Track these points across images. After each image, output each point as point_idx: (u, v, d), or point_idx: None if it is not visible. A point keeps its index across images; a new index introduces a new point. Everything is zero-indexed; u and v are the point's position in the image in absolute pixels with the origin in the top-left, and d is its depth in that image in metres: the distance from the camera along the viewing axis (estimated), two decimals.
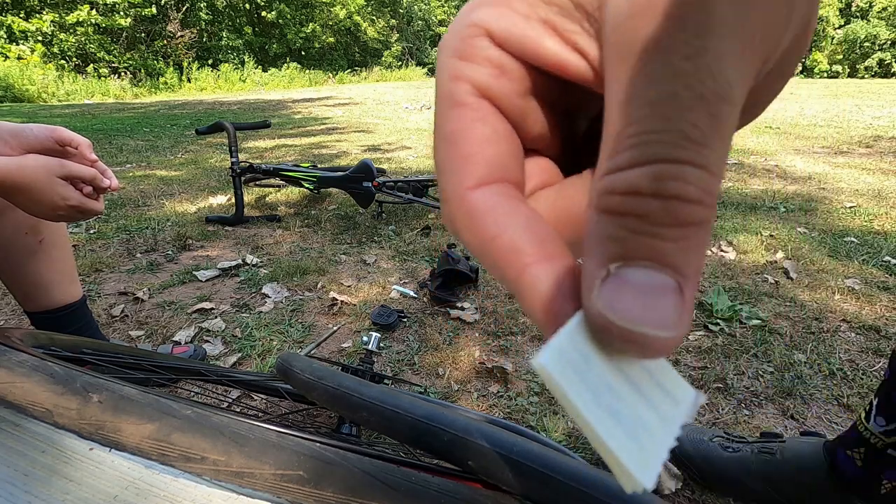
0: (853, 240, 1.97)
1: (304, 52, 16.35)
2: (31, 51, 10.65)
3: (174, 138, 4.57)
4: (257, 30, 15.83)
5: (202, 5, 14.06)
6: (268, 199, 2.61)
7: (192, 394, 1.07)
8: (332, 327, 1.40)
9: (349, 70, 17.03)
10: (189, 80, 12.79)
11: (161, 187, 2.82)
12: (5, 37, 10.58)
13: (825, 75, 19.87)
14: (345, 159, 3.60)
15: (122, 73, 11.89)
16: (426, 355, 1.28)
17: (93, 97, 10.21)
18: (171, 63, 13.19)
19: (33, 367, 0.35)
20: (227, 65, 13.79)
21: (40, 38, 11.00)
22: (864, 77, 18.98)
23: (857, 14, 20.69)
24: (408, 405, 0.44)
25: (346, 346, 1.32)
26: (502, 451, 0.37)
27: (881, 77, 18.67)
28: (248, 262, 1.82)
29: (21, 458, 0.32)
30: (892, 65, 19.35)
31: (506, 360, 1.25)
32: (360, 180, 2.07)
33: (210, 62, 13.94)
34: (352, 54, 18.02)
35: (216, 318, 1.44)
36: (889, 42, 19.41)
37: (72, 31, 11.39)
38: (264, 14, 15.55)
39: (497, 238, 0.12)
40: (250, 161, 2.67)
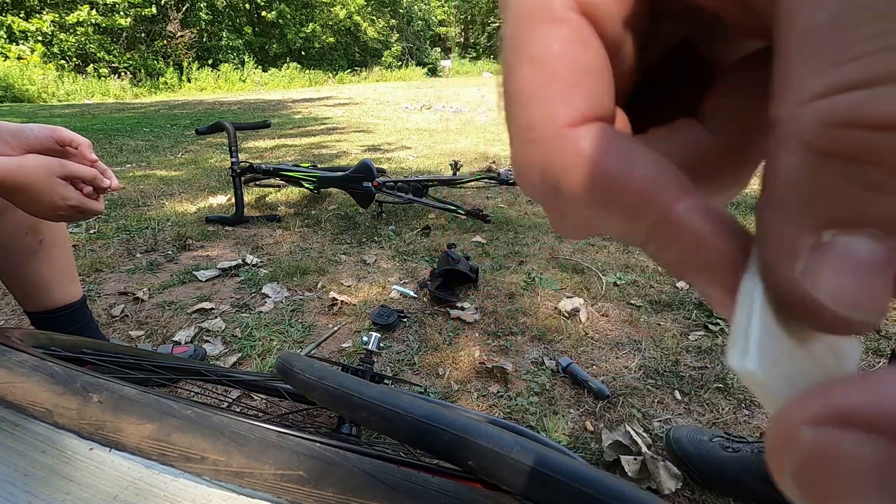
0: None
1: (304, 52, 16.34)
2: (31, 51, 10.64)
3: (174, 138, 4.57)
4: (257, 30, 15.82)
5: (202, 5, 14.05)
6: (268, 199, 2.61)
7: (192, 394, 1.07)
8: (332, 327, 1.40)
9: (349, 70, 17.02)
10: (189, 80, 12.79)
11: (161, 187, 2.82)
12: (5, 37, 10.57)
13: None
14: (345, 159, 3.60)
15: (122, 73, 11.89)
16: (426, 355, 1.28)
17: (93, 97, 10.21)
18: (171, 63, 13.19)
19: (33, 367, 0.35)
20: (227, 65, 13.79)
21: (40, 38, 10.99)
22: None
23: None
24: (408, 405, 0.44)
25: (346, 346, 1.32)
26: (502, 451, 0.37)
27: None
28: (248, 262, 1.82)
29: (21, 458, 0.32)
30: None
31: (506, 360, 1.25)
32: (360, 180, 2.07)
33: (210, 62, 13.93)
34: (352, 54, 18.02)
35: (216, 318, 1.44)
36: None
37: (72, 31, 11.38)
38: (264, 14, 15.54)
39: (626, 176, 0.10)
40: (250, 161, 2.67)
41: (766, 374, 0.09)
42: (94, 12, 11.49)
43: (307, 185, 2.29)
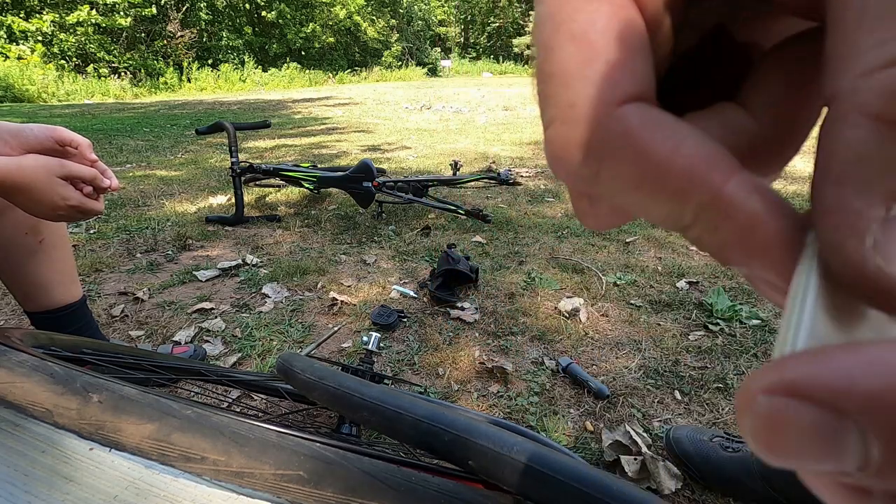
0: None
1: (304, 52, 16.34)
2: (31, 51, 10.65)
3: (174, 138, 4.57)
4: (257, 30, 15.83)
5: (202, 5, 14.06)
6: (268, 199, 2.61)
7: (192, 394, 1.07)
8: (332, 327, 1.40)
9: (349, 70, 17.02)
10: (189, 80, 12.79)
11: (161, 187, 2.82)
12: (5, 37, 10.58)
13: None
14: (345, 159, 3.60)
15: (122, 73, 11.89)
16: (426, 355, 1.28)
17: (93, 97, 10.22)
18: (171, 63, 13.19)
19: (33, 367, 0.35)
20: (227, 65, 13.79)
21: (40, 38, 11.00)
22: None
23: None
24: (409, 405, 0.44)
25: (346, 346, 1.32)
26: (503, 451, 0.37)
27: None
28: (248, 262, 1.82)
29: (21, 458, 0.32)
30: None
31: (506, 360, 1.25)
32: (360, 180, 2.07)
33: (210, 62, 13.94)
34: (352, 54, 18.02)
35: (216, 318, 1.44)
36: None
37: (72, 31, 11.39)
38: (264, 14, 15.55)
39: (675, 154, 0.09)
40: (250, 161, 2.67)
41: None
42: (94, 12, 11.50)
43: (307, 185, 2.29)
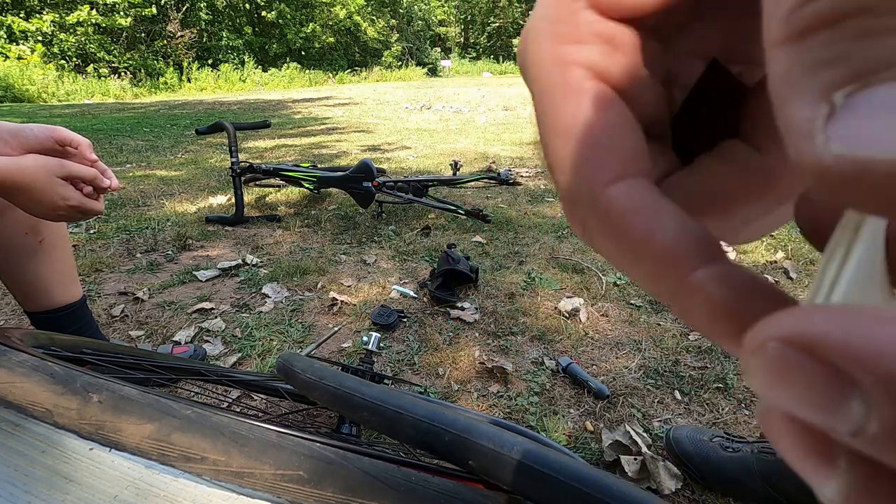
0: None
1: (304, 52, 16.34)
2: (31, 51, 10.64)
3: (174, 138, 4.57)
4: (257, 30, 15.82)
5: (202, 5, 14.05)
6: (268, 199, 2.61)
7: (192, 394, 1.07)
8: (332, 327, 1.40)
9: (349, 70, 17.02)
10: (189, 80, 12.79)
11: (161, 187, 2.82)
12: (5, 37, 10.57)
13: None
14: (345, 159, 3.60)
15: (122, 73, 11.89)
16: (426, 355, 1.28)
17: (93, 97, 10.21)
18: (171, 63, 13.19)
19: (33, 367, 0.35)
20: (227, 65, 13.79)
21: (40, 38, 10.99)
22: None
23: None
24: (409, 405, 0.44)
25: (346, 346, 1.32)
26: (503, 451, 0.37)
27: None
28: (248, 262, 1.82)
29: (21, 458, 0.32)
30: None
31: (506, 360, 1.25)
32: (360, 180, 2.07)
33: (210, 62, 13.93)
34: (352, 54, 18.01)
35: (216, 318, 1.44)
36: None
37: (72, 31, 11.38)
38: (264, 14, 15.54)
39: (648, 240, 0.10)
40: (250, 161, 2.67)
41: None
42: (94, 12, 11.49)
43: (307, 185, 2.29)
